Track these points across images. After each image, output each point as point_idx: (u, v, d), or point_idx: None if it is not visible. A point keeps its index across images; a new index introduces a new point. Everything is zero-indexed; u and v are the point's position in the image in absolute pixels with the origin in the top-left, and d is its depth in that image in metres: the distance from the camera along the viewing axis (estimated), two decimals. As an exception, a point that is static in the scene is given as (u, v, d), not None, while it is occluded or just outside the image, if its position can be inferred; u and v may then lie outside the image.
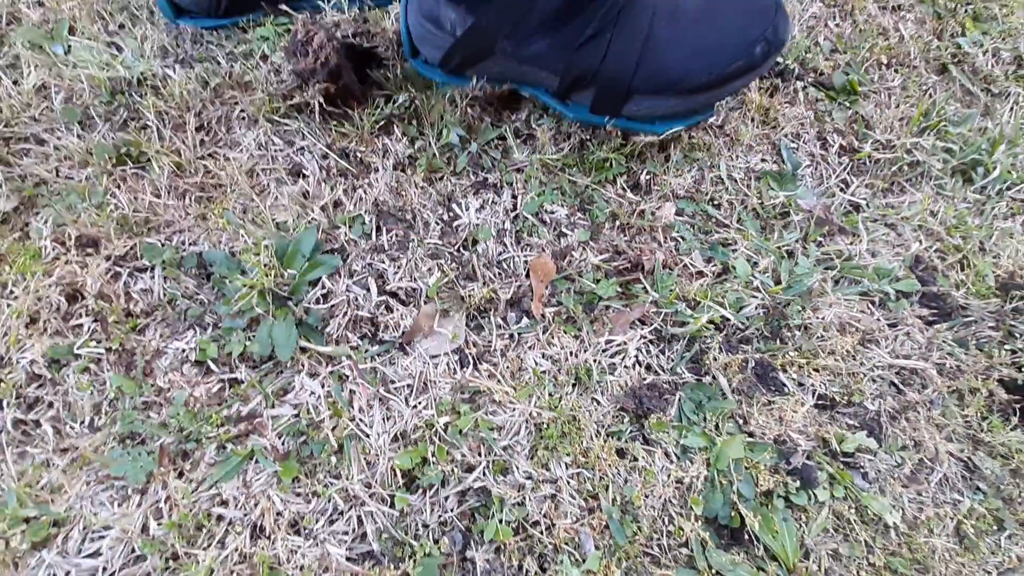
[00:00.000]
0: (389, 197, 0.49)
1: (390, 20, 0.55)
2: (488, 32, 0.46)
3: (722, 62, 0.45)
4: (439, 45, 0.49)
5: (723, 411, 0.44)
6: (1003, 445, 0.46)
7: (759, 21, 0.45)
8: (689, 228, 0.52)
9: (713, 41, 0.45)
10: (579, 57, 0.46)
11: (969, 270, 0.52)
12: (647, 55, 0.45)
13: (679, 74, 0.46)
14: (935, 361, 0.48)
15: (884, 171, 0.58)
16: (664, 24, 0.45)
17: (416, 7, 0.49)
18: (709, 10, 0.46)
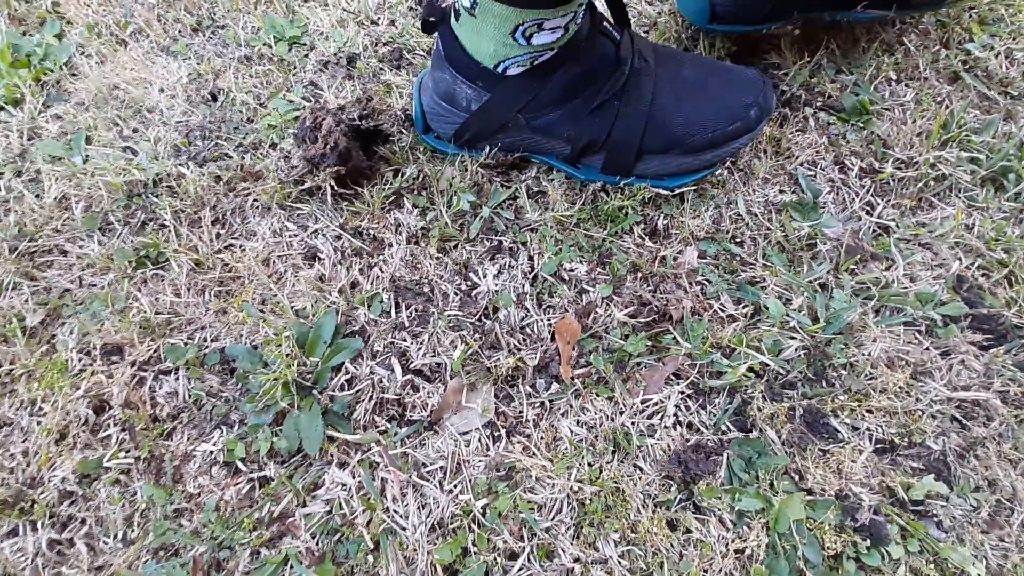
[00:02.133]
0: (405, 272, 0.48)
1: (394, 97, 0.56)
2: (503, 108, 0.49)
3: (723, 123, 0.49)
4: (453, 121, 0.51)
5: (776, 467, 0.41)
6: (1089, 477, 0.42)
7: (750, 89, 0.50)
8: (714, 270, 0.50)
9: (713, 105, 0.49)
10: (590, 126, 0.49)
11: (1019, 285, 0.50)
12: (653, 119, 0.49)
13: (684, 135, 0.49)
14: (997, 389, 0.44)
15: (910, 189, 0.56)
16: (667, 91, 0.49)
17: (431, 87, 0.51)
18: (705, 80, 0.50)
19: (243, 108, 0.56)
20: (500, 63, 0.46)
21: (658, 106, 0.49)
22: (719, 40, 0.63)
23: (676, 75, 0.50)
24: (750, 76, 0.52)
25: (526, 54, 0.45)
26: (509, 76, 0.47)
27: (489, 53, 0.45)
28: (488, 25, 0.43)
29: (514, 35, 0.43)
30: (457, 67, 0.47)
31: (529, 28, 0.42)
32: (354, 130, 0.52)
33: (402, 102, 0.56)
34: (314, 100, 0.56)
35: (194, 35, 0.63)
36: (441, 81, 0.49)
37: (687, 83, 0.50)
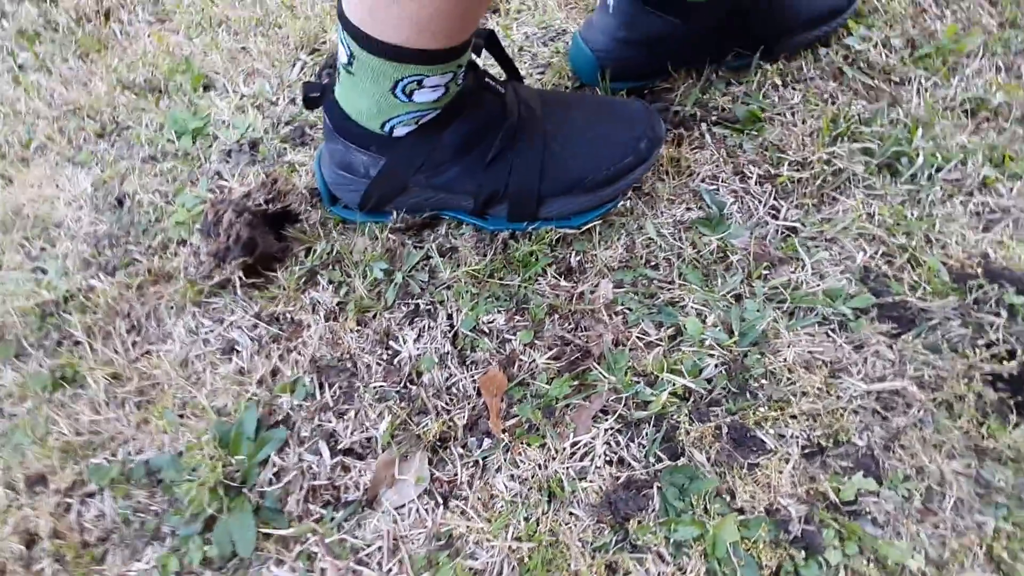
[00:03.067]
0: (326, 350, 0.48)
1: (298, 176, 0.57)
2: (400, 170, 0.49)
3: (616, 159, 0.51)
4: (356, 189, 0.51)
5: (707, 491, 0.41)
6: (1009, 448, 0.43)
7: (638, 122, 0.53)
8: (633, 297, 0.51)
9: (604, 144, 0.51)
10: (488, 178, 0.50)
11: (920, 268, 0.51)
12: (548, 164, 0.51)
13: (581, 174, 0.51)
14: (912, 376, 0.46)
15: (809, 188, 0.58)
16: (557, 137, 0.51)
17: (328, 159, 0.52)
18: (593, 120, 0.52)
19: (150, 209, 0.56)
20: (385, 123, 0.46)
21: (551, 152, 0.51)
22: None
23: (565, 119, 0.52)
24: (636, 109, 0.54)
25: (409, 113, 0.46)
26: (398, 138, 0.47)
27: (372, 113, 0.46)
28: (367, 81, 0.43)
29: (394, 92, 0.43)
30: (347, 136, 0.48)
31: (409, 84, 0.43)
32: (261, 215, 0.53)
33: (307, 179, 0.57)
34: (219, 191, 0.56)
35: (98, 141, 0.63)
36: (336, 152, 0.50)
37: (576, 126, 0.52)
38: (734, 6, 0.59)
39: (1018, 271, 0.49)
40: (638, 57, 0.61)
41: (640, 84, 0.64)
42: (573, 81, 0.65)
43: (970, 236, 0.53)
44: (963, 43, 0.67)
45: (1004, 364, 0.45)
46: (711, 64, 0.65)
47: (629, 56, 0.60)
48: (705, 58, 0.64)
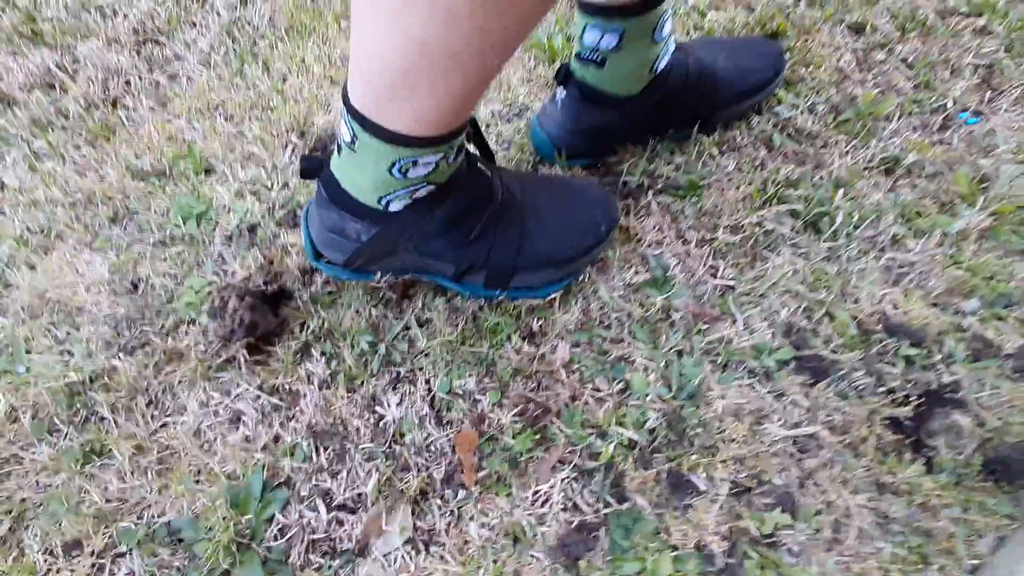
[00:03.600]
0: (320, 417, 0.56)
1: (291, 258, 0.65)
2: (391, 238, 0.54)
3: (579, 240, 0.60)
4: (344, 250, 0.56)
5: (647, 530, 0.49)
6: (905, 482, 0.50)
7: (599, 208, 0.61)
8: (588, 356, 0.59)
9: (571, 226, 0.60)
10: (471, 251, 0.56)
11: (834, 322, 0.59)
12: (524, 244, 0.58)
13: (549, 253, 0.59)
14: (823, 421, 0.53)
15: (743, 248, 0.66)
16: (532, 218, 0.59)
17: (318, 222, 0.55)
18: (562, 205, 0.60)
19: (162, 291, 0.64)
20: (382, 198, 0.50)
21: (526, 233, 0.58)
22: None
23: (538, 203, 0.59)
24: (598, 195, 0.62)
25: (404, 188, 0.49)
26: (393, 212, 0.52)
27: (369, 188, 0.49)
28: (367, 160, 0.47)
29: (391, 171, 0.47)
30: (343, 206, 0.52)
31: (404, 164, 0.46)
32: (260, 296, 0.60)
33: (299, 260, 0.64)
34: (223, 275, 0.64)
35: (112, 226, 0.71)
36: (328, 218, 0.54)
37: (548, 209, 0.60)
38: (663, 95, 0.67)
39: (914, 325, 0.57)
40: (587, 142, 0.69)
41: (593, 161, 0.72)
42: (534, 155, 0.73)
43: (878, 291, 0.61)
44: (881, 107, 0.76)
45: (901, 409, 0.53)
46: (655, 137, 0.73)
47: (579, 141, 0.69)
48: (648, 136, 0.72)
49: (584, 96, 0.66)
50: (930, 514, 0.49)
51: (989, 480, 0.49)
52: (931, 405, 0.52)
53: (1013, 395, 0.52)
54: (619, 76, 0.64)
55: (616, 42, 0.60)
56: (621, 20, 0.58)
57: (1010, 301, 0.59)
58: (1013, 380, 0.53)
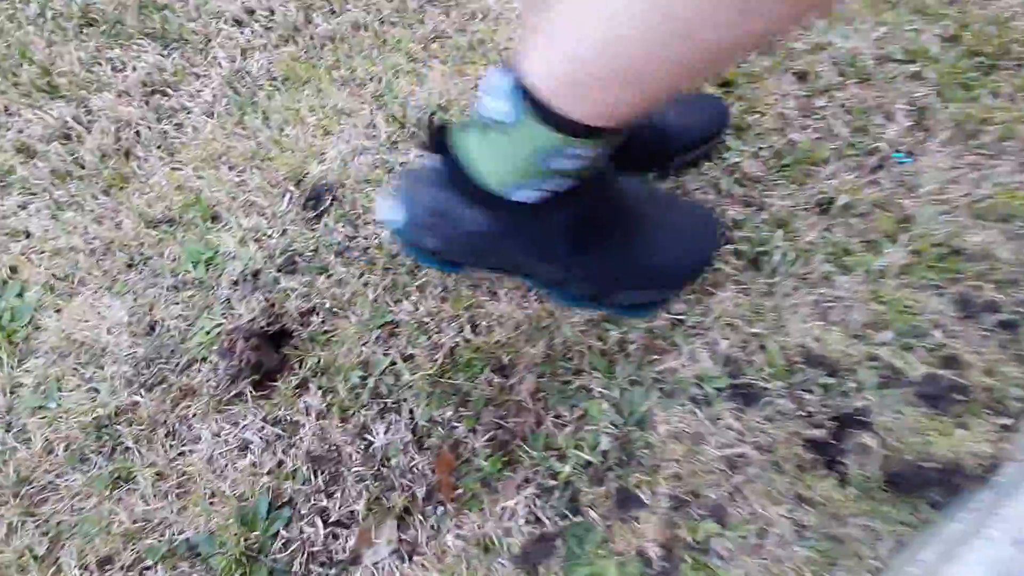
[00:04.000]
0: (318, 444, 0.64)
1: (290, 300, 0.73)
2: (504, 235, 0.49)
3: (687, 264, 0.62)
4: (441, 235, 0.50)
5: (598, 540, 0.57)
6: (820, 495, 0.59)
7: (708, 230, 0.64)
8: (552, 385, 0.67)
9: (680, 249, 0.61)
10: (581, 260, 0.53)
11: (765, 353, 0.67)
12: (631, 263, 0.57)
13: (654, 275, 0.60)
14: (751, 442, 0.61)
15: (694, 285, 0.74)
16: (644, 237, 0.57)
17: (419, 199, 0.50)
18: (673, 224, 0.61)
19: (176, 332, 0.72)
20: (513, 186, 0.45)
21: (634, 252, 0.56)
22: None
23: (650, 218, 0.58)
24: (708, 220, 0.65)
25: (542, 179, 0.44)
26: (515, 204, 0.46)
27: (506, 174, 0.44)
28: (520, 144, 0.41)
29: (541, 158, 0.42)
30: (460, 189, 0.46)
31: (559, 153, 0.41)
32: (264, 336, 0.69)
33: (297, 303, 0.73)
34: (230, 317, 0.72)
35: (129, 272, 0.79)
36: (435, 199, 0.48)
37: (660, 228, 0.58)
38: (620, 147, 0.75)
39: (831, 357, 0.65)
40: None
41: None
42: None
43: (806, 325, 0.69)
44: (819, 152, 0.84)
45: (817, 431, 0.61)
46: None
47: None
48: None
49: None
50: (840, 522, 0.57)
51: (890, 492, 0.58)
52: (843, 427, 0.61)
53: (912, 419, 0.60)
54: None
55: None
56: None
57: (920, 333, 0.67)
58: (914, 405, 0.62)
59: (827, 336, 0.67)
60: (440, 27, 1.07)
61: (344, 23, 1.10)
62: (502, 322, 0.71)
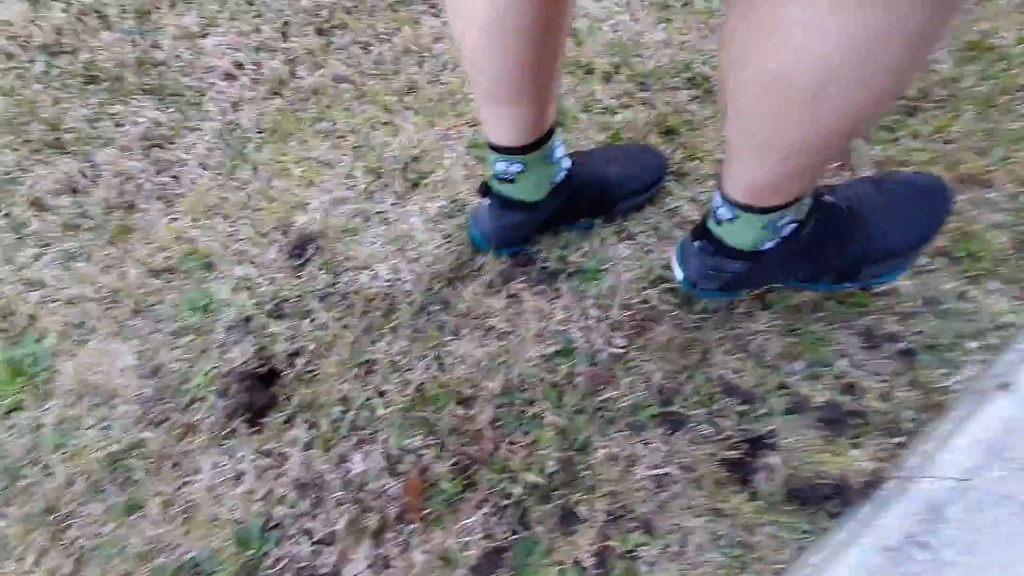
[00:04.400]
0: (304, 473, 0.74)
1: (278, 344, 0.83)
2: (763, 273, 0.70)
3: (920, 233, 0.72)
4: (718, 280, 0.73)
5: (543, 551, 0.67)
6: (733, 508, 0.68)
7: (936, 201, 0.72)
8: (509, 414, 0.77)
9: (911, 222, 0.72)
10: (824, 259, 0.71)
11: (693, 383, 0.77)
12: (869, 245, 0.71)
13: (893, 248, 0.72)
14: (676, 463, 0.71)
15: (634, 321, 0.84)
16: (874, 222, 0.70)
17: (697, 265, 0.73)
18: (898, 202, 0.72)
19: (178, 375, 0.82)
20: (757, 245, 0.65)
21: (870, 234, 0.70)
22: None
23: (874, 204, 0.71)
24: (926, 183, 0.74)
25: (775, 235, 0.65)
26: (764, 251, 0.66)
27: (750, 242, 0.65)
28: (747, 227, 0.63)
29: (765, 227, 0.63)
30: (724, 255, 0.68)
31: (776, 220, 0.62)
32: (255, 377, 0.78)
33: (285, 345, 0.82)
34: (225, 361, 0.82)
35: (135, 318, 0.89)
36: (709, 262, 0.71)
37: (886, 210, 0.71)
38: (566, 197, 0.85)
39: (746, 386, 0.75)
40: (511, 235, 0.87)
41: (519, 248, 0.90)
42: (472, 248, 0.91)
43: (726, 357, 0.79)
44: (750, 195, 0.94)
45: (732, 452, 0.71)
46: (566, 226, 0.91)
47: (505, 234, 0.87)
48: (561, 226, 0.90)
49: (502, 204, 0.84)
50: (750, 532, 0.67)
51: (792, 505, 0.67)
52: (754, 449, 0.70)
53: (811, 441, 0.70)
54: (527, 188, 0.82)
55: (521, 169, 0.78)
56: (521, 155, 0.76)
57: (827, 362, 0.77)
58: (815, 429, 0.71)
59: (745, 367, 0.77)
60: (414, 79, 1.17)
61: (327, 76, 1.20)
62: (465, 359, 0.81)
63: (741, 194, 0.60)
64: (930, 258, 0.85)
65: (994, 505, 0.59)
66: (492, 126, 0.73)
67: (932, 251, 0.86)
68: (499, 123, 0.71)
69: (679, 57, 1.13)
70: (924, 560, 0.57)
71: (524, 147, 0.75)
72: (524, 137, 0.73)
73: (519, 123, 0.71)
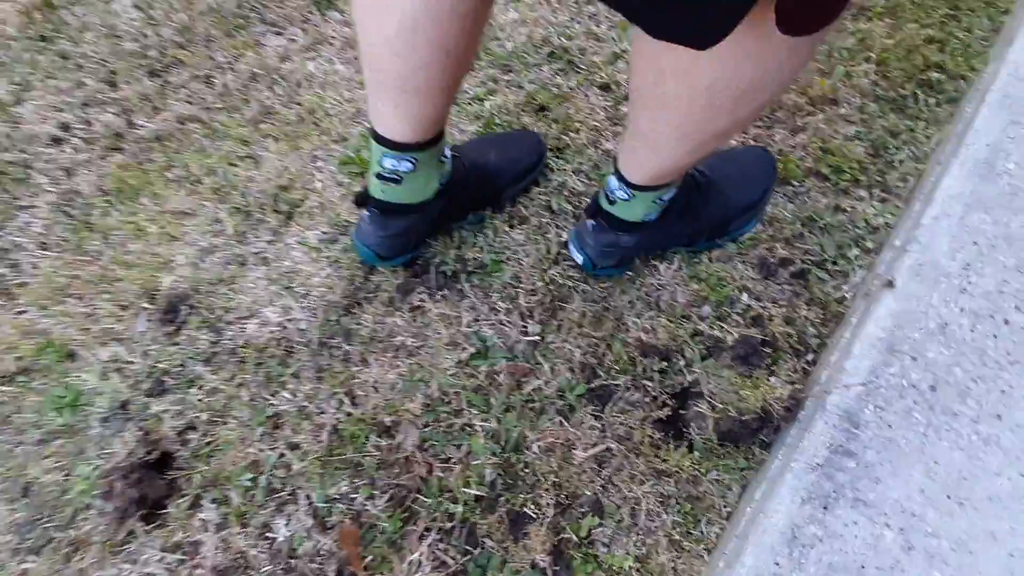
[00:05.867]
0: (223, 556, 0.66)
1: (164, 422, 0.74)
2: (651, 238, 0.77)
3: (760, 188, 0.83)
4: (615, 256, 0.78)
5: (496, 563, 0.63)
6: (675, 466, 0.68)
7: (762, 160, 0.85)
8: (437, 431, 0.73)
9: (752, 180, 0.83)
10: (698, 222, 0.79)
11: (612, 352, 0.76)
12: (728, 202, 0.80)
13: (745, 202, 0.82)
14: (612, 436, 0.70)
15: (544, 305, 0.82)
16: (727, 185, 0.81)
17: (593, 243, 0.78)
18: (740, 169, 0.84)
19: (54, 487, 0.71)
20: (645, 216, 0.72)
21: (726, 195, 0.80)
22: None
23: (725, 172, 0.81)
24: (757, 152, 0.87)
25: (659, 208, 0.72)
26: (651, 221, 0.73)
27: (640, 215, 0.72)
28: (640, 203, 0.70)
29: (654, 201, 0.70)
30: (620, 228, 0.74)
31: (663, 194, 0.70)
32: (145, 467, 0.69)
33: (173, 423, 0.73)
34: (107, 457, 0.72)
35: (-10, 436, 0.76)
36: (603, 239, 0.76)
37: (732, 174, 0.82)
38: (451, 195, 0.81)
39: (661, 344, 0.75)
40: (400, 242, 0.82)
41: (411, 255, 0.85)
42: (363, 265, 0.86)
43: (639, 319, 0.78)
44: (629, 155, 0.94)
45: (662, 411, 0.70)
46: (456, 223, 0.87)
47: (393, 243, 0.82)
48: (450, 224, 0.86)
49: (384, 211, 0.79)
50: (694, 484, 0.67)
51: (727, 447, 0.68)
52: (681, 402, 0.70)
53: (731, 380, 0.71)
54: (415, 188, 0.77)
55: (411, 167, 0.73)
56: (417, 151, 0.71)
57: (732, 301, 0.78)
58: (732, 367, 0.73)
59: (658, 323, 0.77)
60: (267, 104, 1.08)
61: (170, 119, 1.09)
62: (378, 387, 0.76)
63: (644, 178, 0.67)
64: (800, 181, 0.89)
65: (900, 398, 0.62)
66: (389, 119, 0.67)
67: (802, 173, 0.90)
68: (401, 116, 0.66)
69: (536, 34, 1.12)
70: (851, 468, 0.59)
71: (421, 143, 0.69)
72: (423, 133, 0.68)
73: (423, 116, 0.67)
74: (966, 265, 0.70)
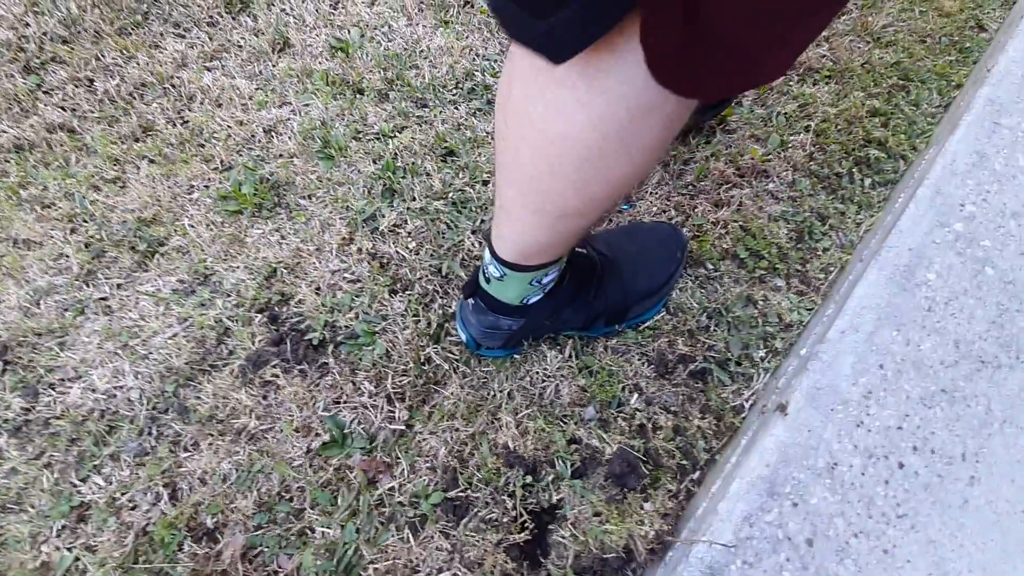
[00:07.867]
0: None
1: None
2: (535, 323, 0.69)
3: (666, 269, 0.75)
4: (498, 338, 0.70)
5: None
6: (525, 600, 0.60)
7: (670, 239, 0.77)
8: (270, 535, 0.63)
9: (656, 261, 0.75)
10: (592, 307, 0.71)
11: (478, 455, 0.68)
12: (627, 286, 0.72)
13: (648, 287, 0.74)
14: (460, 560, 0.62)
15: (416, 386, 0.72)
16: (627, 266, 0.73)
17: (476, 324, 0.69)
18: (643, 247, 0.76)
19: None
20: (524, 299, 0.65)
21: (626, 278, 0.72)
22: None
23: (626, 251, 0.74)
24: (665, 230, 0.78)
25: (539, 290, 0.65)
26: (532, 304, 0.66)
27: (516, 297, 0.64)
28: (513, 283, 0.62)
29: (531, 283, 0.62)
30: (498, 311, 0.67)
31: (540, 276, 0.62)
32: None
33: None
34: None
35: None
36: (485, 320, 0.68)
37: (636, 254, 0.74)
38: None
39: (529, 455, 0.67)
40: None
41: None
42: (218, 331, 0.75)
43: (514, 418, 0.70)
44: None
45: (519, 535, 0.62)
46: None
47: None
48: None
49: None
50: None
51: (585, 583, 0.60)
52: (540, 526, 0.62)
53: (598, 508, 0.63)
54: None
55: None
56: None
57: (619, 403, 0.71)
58: (602, 488, 0.65)
59: (534, 424, 0.69)
60: (149, 118, 0.96)
61: (37, 126, 0.96)
62: (206, 479, 0.66)
63: (512, 255, 0.59)
64: (715, 264, 0.82)
65: (772, 552, 0.55)
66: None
67: (718, 255, 0.82)
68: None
69: (460, 66, 1.02)
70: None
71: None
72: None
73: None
74: (867, 393, 0.64)
